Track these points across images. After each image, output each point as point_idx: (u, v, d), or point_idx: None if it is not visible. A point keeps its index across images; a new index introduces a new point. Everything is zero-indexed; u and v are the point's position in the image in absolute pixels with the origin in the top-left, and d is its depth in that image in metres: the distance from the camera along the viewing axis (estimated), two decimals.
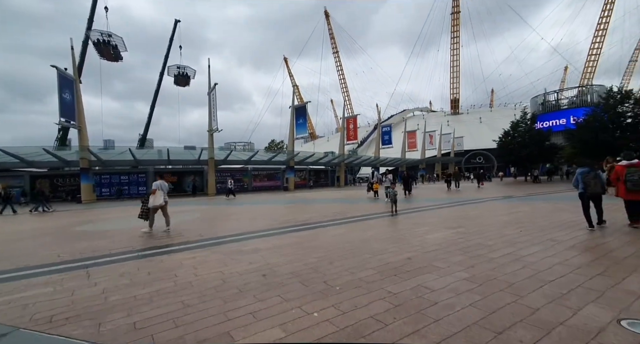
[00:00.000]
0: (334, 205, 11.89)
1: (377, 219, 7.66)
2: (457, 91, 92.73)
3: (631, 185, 5.37)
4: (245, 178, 36.09)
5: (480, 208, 8.85)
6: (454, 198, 12.93)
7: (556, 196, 12.03)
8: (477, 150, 64.14)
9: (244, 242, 5.46)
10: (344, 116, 40.40)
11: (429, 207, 9.72)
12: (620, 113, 24.84)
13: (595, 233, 5.09)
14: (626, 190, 5.46)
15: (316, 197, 18.09)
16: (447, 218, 7.32)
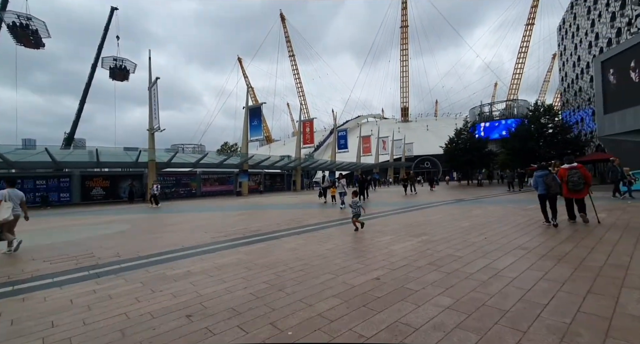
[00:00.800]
0: (289, 212, 11.02)
1: (336, 227, 7.00)
2: (406, 100, 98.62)
3: (572, 185, 6.03)
4: (193, 183, 33.32)
5: (438, 213, 8.74)
6: (411, 202, 12.95)
7: (500, 199, 12.70)
8: (425, 155, 68.43)
9: (174, 263, 4.33)
10: (301, 119, 39.80)
11: (388, 212, 9.39)
12: (543, 124, 28.17)
13: (556, 234, 5.04)
14: (568, 190, 6.12)
15: (271, 202, 17.00)
16: (409, 224, 6.95)
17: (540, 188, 6.24)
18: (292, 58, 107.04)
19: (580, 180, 6.00)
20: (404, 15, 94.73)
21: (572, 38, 39.54)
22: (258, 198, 23.60)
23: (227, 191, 35.41)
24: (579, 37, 36.85)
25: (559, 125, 27.33)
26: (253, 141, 31.08)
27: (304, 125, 39.94)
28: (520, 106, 57.74)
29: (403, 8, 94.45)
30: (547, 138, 27.20)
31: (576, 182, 5.99)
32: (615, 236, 4.84)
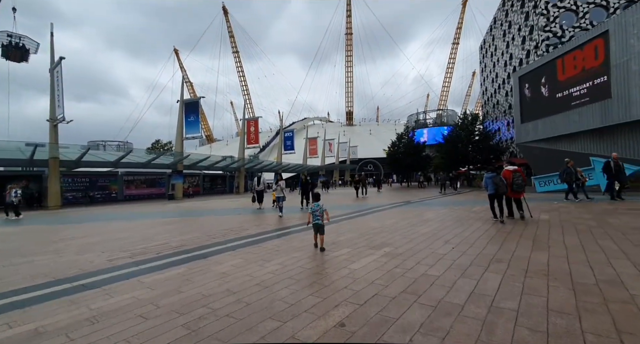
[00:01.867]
0: (227, 219, 9.46)
1: (281, 238, 5.85)
2: (351, 105, 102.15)
3: (517, 186, 6.64)
4: (113, 185, 28.69)
5: (392, 216, 8.22)
6: (362, 205, 12.45)
7: (444, 201, 13.01)
8: (368, 158, 71.25)
9: (20, 312, 2.70)
10: (244, 117, 37.44)
11: (340, 217, 8.57)
12: (471, 131, 31.13)
13: (519, 239, 4.71)
14: (512, 191, 6.73)
15: (207, 207, 14.97)
16: (365, 231, 6.16)
17: (490, 188, 6.80)
18: (236, 55, 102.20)
19: (522, 182, 6.69)
20: (349, 23, 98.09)
21: (491, 57, 44.99)
22: (193, 202, 20.98)
23: (158, 194, 31.34)
24: (497, 56, 42.06)
25: (483, 133, 30.43)
26: (189, 139, 27.92)
27: (248, 123, 37.71)
28: (449, 115, 63.95)
29: (348, 16, 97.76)
30: (474, 144, 30.05)
31: (520, 184, 6.63)
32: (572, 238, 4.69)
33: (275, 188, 10.01)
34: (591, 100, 16.26)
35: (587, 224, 5.80)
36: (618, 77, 14.76)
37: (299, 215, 9.25)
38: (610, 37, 15.04)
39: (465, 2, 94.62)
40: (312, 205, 4.86)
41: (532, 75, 20.76)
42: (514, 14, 34.86)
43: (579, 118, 17.12)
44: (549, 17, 27.59)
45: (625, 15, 14.43)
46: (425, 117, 67.81)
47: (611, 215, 6.77)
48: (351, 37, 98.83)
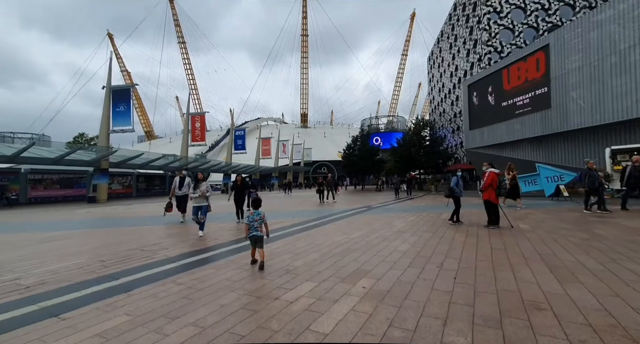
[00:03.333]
0: (145, 231, 7.23)
1: (205, 267, 4.08)
2: (306, 106, 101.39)
3: (504, 191, 6.41)
4: (13, 185, 23.36)
5: (358, 227, 6.90)
6: (322, 211, 11.03)
7: (406, 206, 12.25)
8: (322, 161, 70.84)
9: None
10: (189, 111, 33.69)
11: (296, 228, 7.00)
12: (422, 136, 32.14)
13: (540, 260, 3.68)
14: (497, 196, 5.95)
15: (129, 213, 12.16)
16: (330, 250, 4.69)
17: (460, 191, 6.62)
18: (182, 46, 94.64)
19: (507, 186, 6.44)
20: (305, 25, 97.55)
21: (438, 67, 47.78)
22: (118, 205, 17.47)
23: (76, 196, 26.37)
24: (443, 67, 44.72)
25: (433, 139, 31.61)
26: (117, 132, 23.73)
27: (193, 119, 34.06)
28: (400, 121, 66.83)
29: (304, 17, 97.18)
30: (425, 148, 30.96)
31: (505, 188, 6.32)
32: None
33: (193, 195, 6.58)
34: (533, 109, 17.26)
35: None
36: (557, 88, 15.79)
37: (232, 230, 7.41)
38: (550, 51, 16.06)
39: (413, 17, 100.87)
40: (251, 214, 3.97)
41: (480, 84, 21.73)
42: (459, 28, 37.22)
43: (522, 126, 18.11)
44: (490, 32, 29.74)
45: (564, 30, 15.51)
46: (378, 122, 69.78)
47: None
48: (307, 38, 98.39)
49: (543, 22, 29.55)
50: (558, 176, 12.94)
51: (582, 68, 14.61)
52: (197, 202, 6.48)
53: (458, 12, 37.57)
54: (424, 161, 30.28)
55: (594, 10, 14.71)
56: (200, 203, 6.47)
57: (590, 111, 14.17)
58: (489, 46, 29.60)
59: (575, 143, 15.49)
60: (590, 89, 14.23)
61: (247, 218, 4.02)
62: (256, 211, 3.99)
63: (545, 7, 29.69)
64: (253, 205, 4.15)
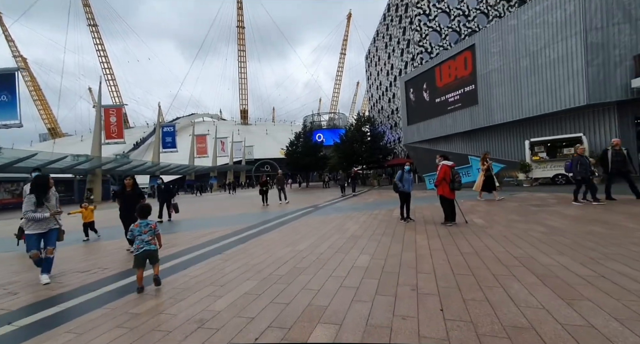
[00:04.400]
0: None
1: (68, 331, 2.56)
2: (245, 102, 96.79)
3: (458, 185, 5.52)
4: None
5: (306, 233, 5.83)
6: (265, 213, 9.68)
7: (354, 204, 11.67)
8: (265, 159, 68.33)
9: None
10: (100, 103, 28.47)
11: (231, 238, 5.63)
12: (364, 132, 32.73)
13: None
14: (451, 190, 5.53)
15: None
16: (270, 271, 3.52)
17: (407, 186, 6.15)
18: (94, 29, 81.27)
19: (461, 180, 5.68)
20: (240, 16, 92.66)
21: (375, 66, 49.63)
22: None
23: None
24: (380, 65, 46.56)
25: (374, 135, 32.39)
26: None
27: (108, 112, 28.95)
28: (341, 118, 68.13)
29: (239, 7, 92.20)
30: (367, 144, 31.56)
31: (460, 182, 5.56)
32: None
33: (36, 214, 3.75)
34: (463, 105, 18.47)
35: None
36: (483, 86, 17.06)
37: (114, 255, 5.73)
38: (476, 50, 17.27)
39: (349, 17, 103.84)
40: (135, 226, 3.32)
41: (416, 81, 22.65)
42: (393, 28, 38.92)
43: (453, 122, 19.29)
44: (421, 33, 31.58)
45: (488, 31, 16.77)
46: (320, 119, 69.95)
47: None
48: (243, 30, 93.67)
49: (464, 27, 32.49)
50: None
51: (502, 67, 15.98)
52: (40, 227, 3.76)
53: (392, 13, 39.23)
54: (366, 156, 30.84)
55: (511, 13, 16.15)
56: (44, 229, 3.79)
57: (511, 107, 15.58)
58: (421, 46, 31.40)
59: (500, 136, 16.97)
60: (510, 87, 15.63)
61: (130, 232, 3.32)
62: (143, 221, 3.33)
63: (466, 14, 32.67)
64: (139, 213, 3.38)
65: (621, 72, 12.39)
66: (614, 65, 12.47)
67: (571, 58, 13.22)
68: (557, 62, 13.69)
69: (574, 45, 13.07)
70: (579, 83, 12.96)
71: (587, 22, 12.65)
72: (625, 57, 12.35)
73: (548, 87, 14.05)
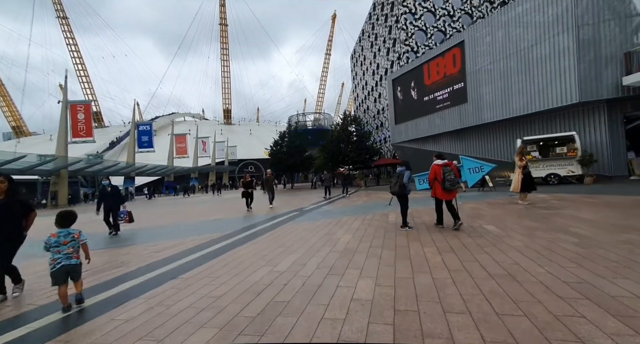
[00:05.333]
0: None
1: None
2: (229, 102, 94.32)
3: (449, 184, 5.23)
4: None
5: (289, 246, 4.84)
6: (246, 219, 8.58)
7: (343, 206, 10.77)
8: (249, 159, 66.51)
9: None
10: (66, 99, 26.23)
11: (199, 251, 4.55)
12: (350, 132, 31.98)
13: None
14: (443, 190, 5.28)
15: None
16: (238, 317, 2.53)
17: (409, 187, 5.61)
18: (64, 22, 76.61)
19: (456, 179, 5.34)
20: (223, 13, 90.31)
21: (361, 65, 49.20)
22: None
23: None
24: (366, 65, 46.14)
25: (361, 134, 31.70)
26: None
27: (74, 109, 26.73)
28: (326, 118, 67.38)
29: (221, 4, 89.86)
30: (353, 144, 30.83)
31: (453, 181, 5.27)
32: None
33: None
34: (452, 104, 18.01)
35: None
36: (472, 83, 16.63)
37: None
38: (465, 47, 16.84)
39: (334, 18, 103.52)
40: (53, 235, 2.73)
41: (403, 79, 22.10)
42: (379, 27, 38.52)
43: (442, 120, 18.83)
44: (407, 32, 31.26)
45: (476, 28, 16.36)
46: (305, 119, 68.91)
47: None
48: (226, 28, 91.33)
49: (449, 27, 32.47)
50: (479, 167, 13.30)
51: (492, 65, 15.60)
52: None
53: (377, 12, 38.83)
54: (352, 156, 30.11)
55: (501, 9, 15.80)
56: None
57: (501, 105, 15.20)
58: (407, 45, 31.07)
59: (490, 135, 16.59)
60: (500, 85, 15.25)
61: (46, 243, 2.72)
62: (63, 230, 2.81)
63: (451, 14, 32.66)
64: (58, 220, 2.84)
65: (612, 69, 12.17)
66: (605, 62, 12.24)
67: (562, 56, 12.92)
68: (547, 59, 13.38)
69: (565, 42, 12.77)
70: (570, 81, 12.66)
71: (578, 18, 12.36)
72: (616, 54, 12.14)
73: (538, 84, 13.72)
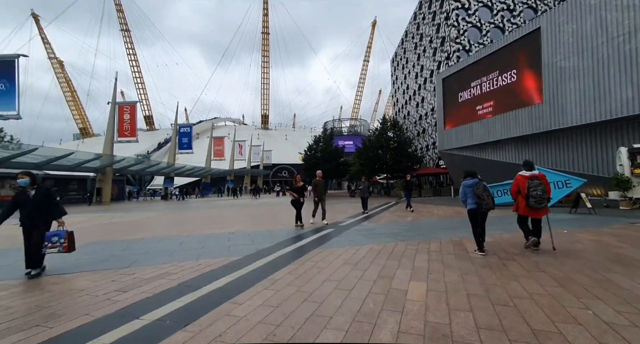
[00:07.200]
0: None
1: None
2: (267, 107, 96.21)
3: (534, 201, 4.42)
4: None
5: (330, 298, 3.05)
6: (270, 236, 6.98)
7: (392, 224, 8.73)
8: (283, 164, 66.39)
9: None
10: (114, 100, 27.38)
11: (170, 307, 2.93)
12: (390, 137, 29.59)
13: None
14: (527, 206, 4.53)
15: None
16: None
17: (470, 201, 4.74)
18: (126, 34, 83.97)
19: (544, 195, 4.42)
20: (266, 22, 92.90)
21: (402, 69, 46.55)
22: None
23: None
24: (408, 68, 43.44)
25: (401, 141, 29.16)
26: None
27: (121, 109, 27.82)
28: (362, 125, 65.19)
29: (265, 14, 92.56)
30: (392, 151, 28.38)
31: (540, 197, 4.39)
32: None
33: None
34: (519, 104, 15.10)
35: None
36: (550, 79, 13.68)
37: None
38: (542, 36, 13.99)
39: (374, 24, 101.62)
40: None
41: (456, 77, 19.47)
42: (425, 26, 35.87)
43: (504, 124, 15.93)
44: (459, 29, 28.36)
45: (558, 12, 13.47)
46: (341, 125, 67.43)
47: None
48: (268, 37, 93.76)
49: (508, 23, 28.96)
50: (563, 181, 10.41)
51: (579, 56, 12.59)
52: None
53: (424, 10, 36.26)
54: (391, 164, 27.66)
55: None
56: None
57: (590, 105, 12.11)
58: (458, 43, 28.17)
59: (572, 142, 13.43)
60: (589, 81, 12.19)
61: None
62: None
63: (511, 8, 29.16)
64: None
65: None
66: None
67: None
68: None
69: None
70: None
71: None
72: None
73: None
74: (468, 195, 4.77)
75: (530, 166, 4.70)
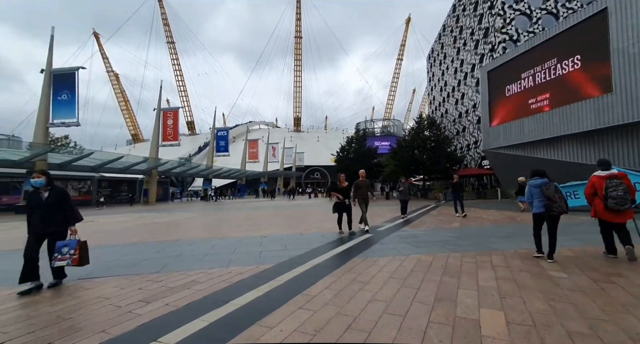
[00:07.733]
0: None
1: None
2: (299, 110, 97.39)
3: (614, 202, 3.78)
4: None
5: (385, 337, 2.52)
6: (300, 241, 6.62)
7: (438, 230, 7.93)
8: (315, 166, 66.58)
9: None
10: (159, 107, 29.14)
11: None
12: (427, 137, 28.03)
13: None
14: (606, 208, 3.89)
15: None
16: None
17: (536, 203, 4.25)
18: (172, 46, 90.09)
19: (627, 196, 3.74)
20: (299, 26, 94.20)
21: (439, 65, 44.20)
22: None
23: (8, 205, 21.49)
24: (446, 64, 41.10)
25: (440, 140, 27.46)
26: (57, 125, 19.11)
27: (165, 115, 29.54)
28: (396, 125, 63.17)
29: (298, 19, 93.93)
30: (429, 151, 26.81)
31: (621, 198, 3.72)
32: None
33: None
34: (582, 96, 13.27)
35: None
36: (621, 65, 11.81)
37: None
38: (610, 17, 12.15)
39: (408, 21, 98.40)
40: None
41: (504, 69, 17.77)
42: (465, 18, 33.66)
43: (563, 119, 14.10)
44: (505, 18, 26.10)
45: None
46: (373, 126, 66.01)
47: None
48: (300, 40, 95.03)
49: (563, 8, 26.05)
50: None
51: None
52: None
53: (464, 1, 34.07)
54: (428, 165, 26.12)
55: None
56: None
57: None
58: (504, 34, 25.92)
59: None
60: None
61: None
62: None
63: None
64: None
65: None
66: None
67: None
68: None
69: None
70: None
71: None
72: None
73: None
74: (535, 197, 4.29)
75: (607, 165, 4.11)
